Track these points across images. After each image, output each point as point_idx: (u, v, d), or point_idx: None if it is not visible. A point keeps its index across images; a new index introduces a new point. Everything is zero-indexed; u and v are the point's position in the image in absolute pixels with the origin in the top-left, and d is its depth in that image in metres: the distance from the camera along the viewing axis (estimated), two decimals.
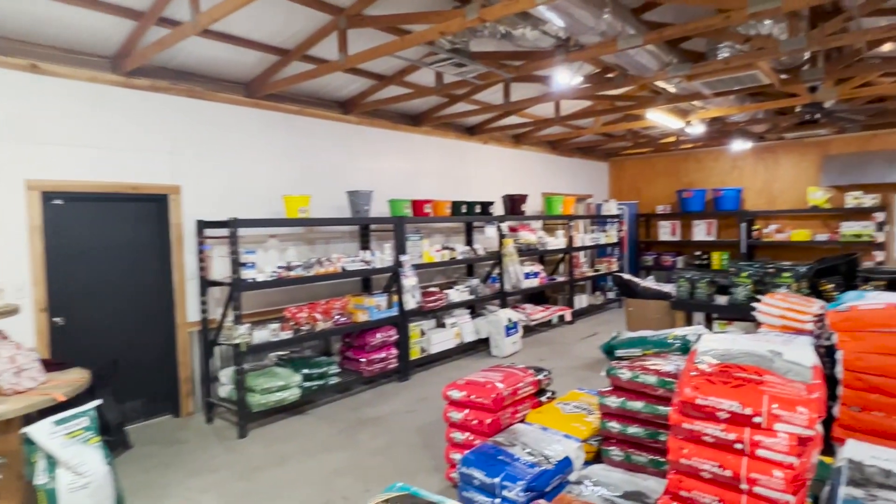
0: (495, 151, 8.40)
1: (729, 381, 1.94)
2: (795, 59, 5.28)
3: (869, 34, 4.13)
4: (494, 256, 7.10)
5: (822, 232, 8.80)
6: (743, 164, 9.76)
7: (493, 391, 3.11)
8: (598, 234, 9.52)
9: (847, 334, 3.03)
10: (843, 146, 8.81)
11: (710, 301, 5.42)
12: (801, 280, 4.96)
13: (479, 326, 6.73)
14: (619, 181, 11.30)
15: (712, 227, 9.74)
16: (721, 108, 6.72)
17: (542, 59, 4.65)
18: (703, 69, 4.83)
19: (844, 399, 3.09)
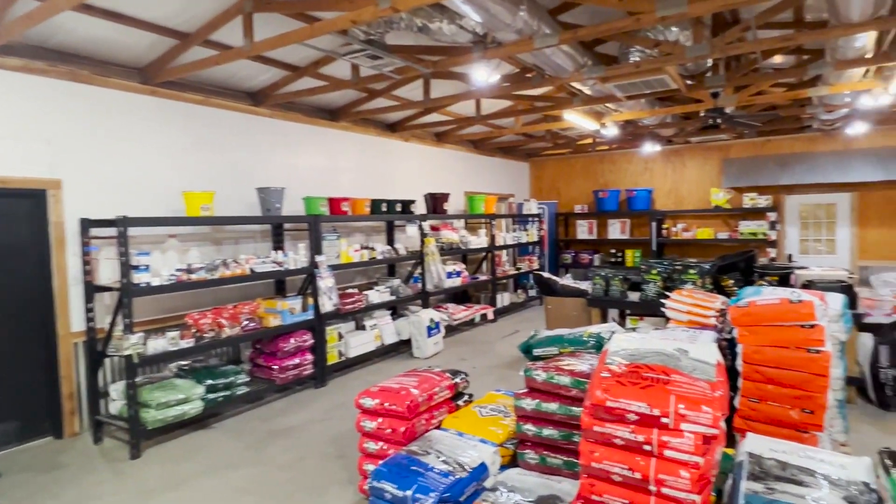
0: (417, 149, 8.27)
1: (638, 381, 1.92)
2: (700, 66, 5.54)
3: (764, 44, 4.37)
4: (416, 256, 6.98)
5: (723, 230, 9.40)
6: (653, 166, 10.25)
7: (408, 398, 2.97)
8: (519, 233, 9.65)
9: (746, 329, 3.17)
10: (741, 150, 9.46)
11: (623, 298, 5.59)
12: (705, 276, 5.20)
13: (400, 328, 6.58)
14: (539, 181, 11.54)
15: (626, 225, 10.16)
16: (633, 111, 6.97)
17: (459, 54, 4.56)
18: (615, 71, 4.94)
19: (744, 391, 3.22)
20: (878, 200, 8.39)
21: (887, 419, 4.22)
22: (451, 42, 4.30)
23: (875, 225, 8.43)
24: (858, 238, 8.55)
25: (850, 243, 8.62)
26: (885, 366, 4.39)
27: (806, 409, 2.99)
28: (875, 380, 4.46)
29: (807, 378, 2.99)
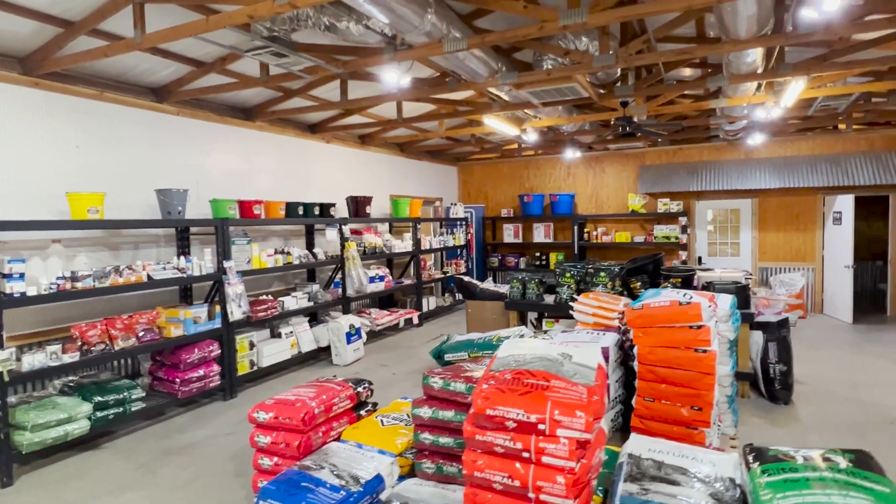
0: (340, 151, 8.10)
1: (518, 388, 1.91)
2: (610, 76, 5.73)
3: (664, 56, 4.57)
4: (336, 260, 6.81)
5: (640, 234, 9.81)
6: (576, 172, 10.56)
7: (303, 409, 2.85)
8: (446, 237, 9.66)
9: (640, 330, 3.27)
10: (655, 158, 9.92)
11: (539, 301, 5.68)
12: (615, 279, 5.37)
13: (318, 334, 6.39)
14: (467, 185, 11.62)
15: (550, 229, 10.40)
16: (551, 117, 7.14)
17: (370, 55, 4.48)
18: (528, 78, 5.02)
19: (639, 390, 3.32)
20: (775, 206, 9.03)
21: (775, 412, 4.50)
22: (360, 42, 4.22)
23: (773, 229, 9.06)
24: (759, 241, 9.17)
25: (751, 246, 9.22)
26: (774, 361, 4.69)
27: (695, 407, 3.12)
28: (765, 375, 4.75)
29: (695, 377, 3.11)
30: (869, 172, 8.15)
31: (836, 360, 5.98)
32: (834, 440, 3.92)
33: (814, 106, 6.56)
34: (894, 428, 4.10)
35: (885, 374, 5.41)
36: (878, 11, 4.03)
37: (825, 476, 1.68)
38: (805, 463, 1.78)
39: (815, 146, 8.85)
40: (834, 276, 8.33)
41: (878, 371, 5.54)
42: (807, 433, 4.05)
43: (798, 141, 8.96)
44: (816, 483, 1.65)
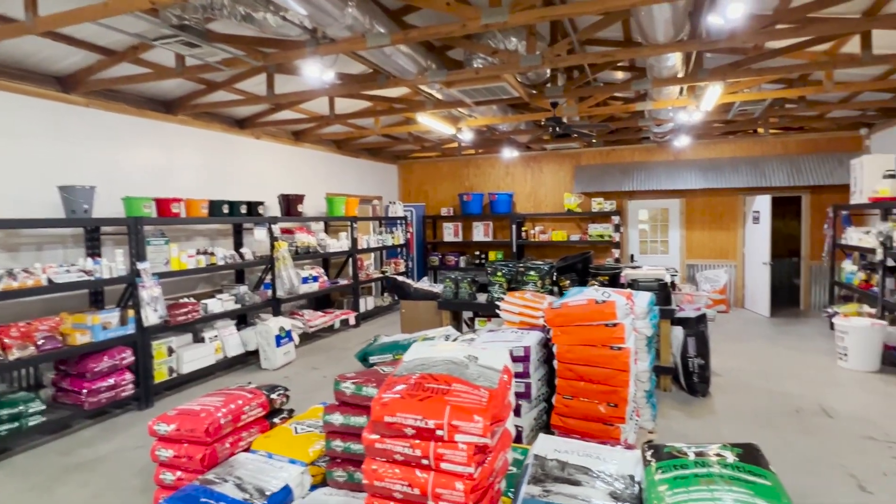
0: (272, 148, 7.83)
1: (418, 393, 1.86)
2: (540, 76, 5.80)
3: (588, 58, 4.65)
4: (266, 261, 6.57)
5: (576, 233, 10.03)
6: (514, 171, 10.68)
7: (208, 419, 2.69)
8: (385, 236, 9.54)
9: (559, 329, 3.29)
10: (590, 158, 10.16)
11: (472, 300, 5.67)
12: (545, 278, 5.43)
13: (246, 338, 6.15)
14: (407, 183, 11.53)
15: (489, 228, 10.47)
16: (486, 117, 7.16)
17: (293, 49, 4.31)
18: (457, 77, 4.99)
19: (559, 388, 3.35)
20: (700, 206, 9.44)
21: (693, 404, 4.67)
22: (279, 35, 4.04)
23: (699, 228, 9.47)
24: (686, 239, 9.56)
25: (679, 244, 9.60)
26: (693, 355, 4.87)
27: (611, 403, 3.17)
28: (685, 368, 4.92)
29: (611, 374, 3.17)
30: (784, 174, 8.64)
31: (752, 353, 6.30)
32: (744, 429, 4.10)
33: (732, 110, 6.87)
34: (799, 416, 4.34)
35: (795, 366, 5.73)
36: (783, 21, 4.24)
37: (713, 472, 1.72)
38: (696, 459, 1.81)
39: (736, 149, 9.31)
40: (753, 272, 8.79)
41: (789, 362, 5.86)
42: (720, 424, 4.22)
43: (721, 144, 9.39)
44: (703, 479, 1.68)
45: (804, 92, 6.10)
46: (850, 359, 5.51)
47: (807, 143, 8.94)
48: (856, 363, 5.47)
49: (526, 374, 3.47)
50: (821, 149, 8.83)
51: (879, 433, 3.97)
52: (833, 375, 5.37)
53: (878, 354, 5.44)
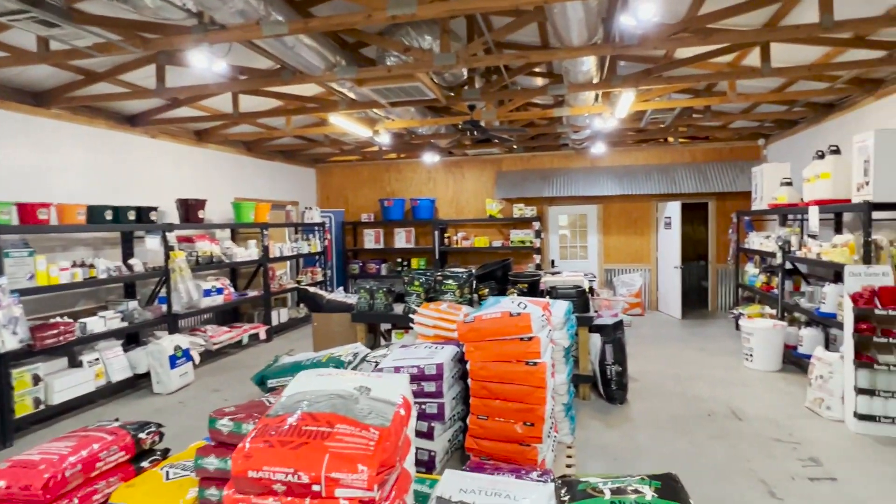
0: (170, 148, 7.14)
1: (293, 439, 1.54)
2: (458, 78, 5.61)
3: (503, 59, 4.50)
4: (160, 272, 5.93)
5: (498, 239, 9.97)
6: (436, 176, 10.49)
7: (49, 471, 2.21)
8: (301, 244, 9.03)
9: (473, 344, 3.06)
10: (511, 164, 10.16)
11: (388, 311, 5.37)
12: (464, 286, 5.22)
13: (135, 359, 5.49)
14: (326, 188, 11.04)
15: (411, 234, 10.20)
16: (404, 119, 6.89)
17: (177, 35, 3.83)
18: (367, 74, 4.69)
19: (473, 408, 3.12)
20: (617, 212, 9.67)
21: (612, 413, 4.62)
22: (160, 18, 3.57)
23: (615, 233, 9.70)
24: (604, 244, 9.76)
25: (597, 249, 9.78)
26: (611, 362, 4.83)
27: (527, 422, 2.97)
28: (603, 376, 4.87)
29: (527, 391, 2.97)
30: (692, 182, 9.01)
31: (666, 356, 6.41)
32: (660, 437, 4.06)
33: (645, 119, 7.03)
34: (711, 420, 4.37)
35: (704, 367, 5.88)
36: (690, 30, 4.28)
37: None
38: (612, 498, 1.62)
39: (649, 157, 9.63)
40: (666, 276, 9.08)
41: (700, 364, 6.01)
42: (637, 433, 4.17)
43: (635, 152, 9.68)
44: None
45: (710, 102, 6.32)
46: (755, 359, 5.72)
47: (712, 152, 9.38)
48: (760, 364, 5.68)
49: (439, 394, 3.22)
50: (724, 158, 9.30)
51: (784, 434, 4.06)
52: (741, 376, 5.54)
53: (779, 354, 5.67)
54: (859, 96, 5.97)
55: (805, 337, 5.44)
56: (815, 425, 4.22)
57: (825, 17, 3.78)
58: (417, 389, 3.23)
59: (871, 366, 3.99)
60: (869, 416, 3.99)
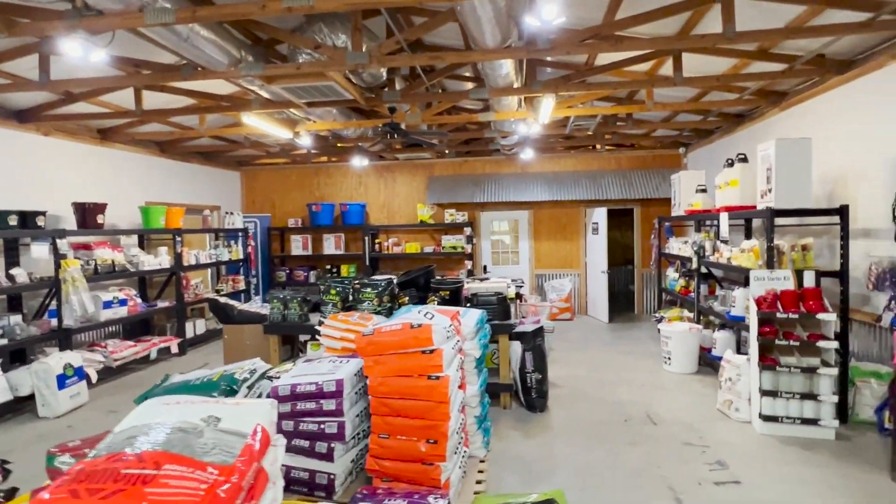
0: (68, 147, 6.55)
1: (105, 486, 1.30)
2: (377, 79, 5.43)
3: (418, 59, 4.36)
4: (49, 283, 5.39)
5: (430, 244, 9.83)
6: (367, 181, 10.24)
7: None
8: (221, 251, 8.55)
9: (372, 359, 2.88)
10: (443, 169, 10.06)
11: (303, 321, 5.09)
12: (383, 295, 5.02)
13: (17, 380, 4.94)
14: (252, 192, 10.56)
15: (341, 240, 9.90)
16: (326, 121, 6.63)
17: (47, 19, 3.44)
18: (275, 71, 4.42)
19: (374, 427, 2.93)
20: (547, 218, 9.76)
21: (531, 421, 4.54)
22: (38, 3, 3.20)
23: (546, 238, 9.78)
24: (535, 250, 9.81)
25: (529, 254, 9.83)
26: (531, 370, 4.76)
27: (431, 440, 2.81)
28: (524, 384, 4.80)
29: (430, 406, 2.81)
30: (618, 188, 9.21)
31: (591, 360, 6.45)
32: (577, 445, 4.01)
33: (569, 125, 7.10)
34: (628, 426, 4.37)
35: (626, 371, 5.94)
36: (600, 37, 4.29)
37: None
38: None
39: (577, 163, 9.78)
40: (594, 280, 9.23)
41: (622, 368, 6.07)
42: (555, 441, 4.10)
43: (564, 158, 9.81)
44: None
45: (630, 109, 6.45)
46: (673, 362, 5.83)
47: (637, 160, 9.64)
48: (678, 366, 5.80)
49: (339, 412, 3.01)
50: (648, 165, 9.58)
51: (695, 437, 4.11)
52: (659, 379, 5.63)
53: (695, 357, 5.81)
54: (766, 108, 6.25)
55: (718, 339, 5.59)
56: (724, 427, 4.30)
57: (728, 27, 3.87)
58: (316, 408, 3.01)
59: (773, 368, 4.10)
60: (773, 417, 4.10)
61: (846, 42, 4.46)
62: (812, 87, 5.29)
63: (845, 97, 4.84)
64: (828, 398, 3.98)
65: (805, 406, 4.04)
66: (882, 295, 4.21)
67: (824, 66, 4.82)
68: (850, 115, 4.76)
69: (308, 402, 3.03)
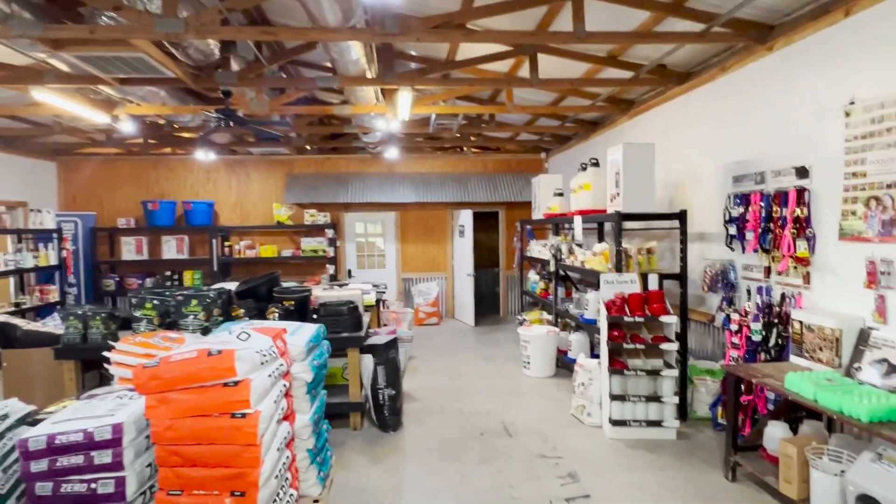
0: None
1: None
2: (208, 57, 4.69)
3: (244, 32, 3.76)
4: None
5: (289, 248, 9.07)
6: (217, 177, 9.21)
7: None
8: (24, 255, 7.09)
9: (156, 397, 2.27)
10: (303, 166, 9.35)
11: (108, 343, 4.20)
12: (212, 307, 4.33)
13: None
14: (72, 187, 8.99)
15: (184, 243, 8.76)
16: (153, 104, 5.69)
17: None
18: (60, 34, 3.56)
19: (162, 482, 2.31)
20: (414, 220, 9.47)
21: (382, 443, 4.13)
22: None
23: (412, 241, 9.49)
24: (402, 253, 9.48)
25: (396, 258, 9.47)
26: (383, 386, 4.36)
27: (237, 492, 2.27)
28: (376, 402, 4.38)
29: (235, 451, 2.27)
30: (484, 191, 9.19)
31: (452, 367, 6.23)
32: (428, 467, 3.68)
33: (431, 124, 6.84)
34: (483, 440, 4.14)
35: (486, 377, 5.79)
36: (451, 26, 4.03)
37: None
38: None
39: (444, 165, 9.62)
40: (461, 283, 9.11)
41: (482, 374, 5.91)
42: (404, 466, 3.74)
43: (431, 159, 9.60)
44: None
45: (491, 110, 6.33)
46: (532, 367, 5.78)
47: (502, 163, 9.72)
48: (536, 370, 5.76)
49: (117, 465, 2.34)
50: (513, 169, 9.69)
51: (549, 448, 3.97)
52: (518, 385, 5.53)
53: (553, 360, 5.81)
54: (617, 115, 6.48)
55: (573, 342, 5.63)
56: (577, 434, 4.23)
57: (578, 27, 3.78)
58: (85, 463, 2.32)
59: (622, 372, 4.11)
60: (621, 422, 4.10)
61: (685, 53, 4.65)
62: (656, 96, 5.51)
63: (683, 107, 5.08)
64: (670, 399, 4.06)
65: (650, 408, 4.09)
66: (715, 296, 4.42)
67: (666, 76, 5.01)
68: (688, 124, 5.00)
69: (74, 457, 2.32)
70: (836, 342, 3.13)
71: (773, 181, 3.83)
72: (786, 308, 3.65)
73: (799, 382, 2.84)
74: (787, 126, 3.73)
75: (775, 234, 3.72)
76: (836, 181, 3.29)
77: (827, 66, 3.37)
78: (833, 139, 3.32)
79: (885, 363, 2.88)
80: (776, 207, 3.71)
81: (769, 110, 3.90)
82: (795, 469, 2.86)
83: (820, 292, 3.45)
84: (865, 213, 3.10)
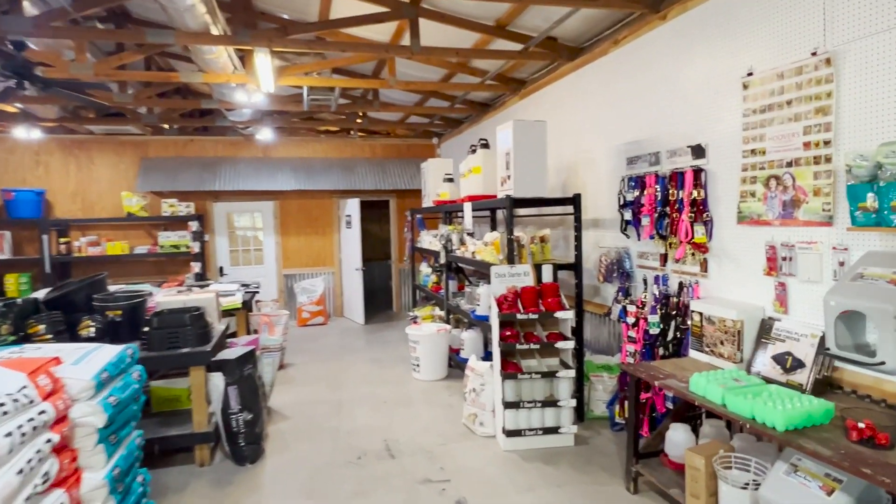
0: None
1: None
2: None
3: None
4: None
5: (144, 243, 7.80)
6: (49, 160, 7.68)
7: None
8: None
9: None
10: (161, 149, 8.08)
11: None
12: (5, 324, 3.34)
13: None
14: None
15: (4, 240, 7.20)
16: None
17: None
18: None
19: None
20: (295, 210, 8.57)
21: (236, 481, 3.36)
22: None
23: (294, 233, 8.59)
24: (282, 247, 8.55)
25: (275, 252, 8.52)
26: (236, 410, 3.58)
27: None
28: (228, 429, 3.59)
29: None
30: (373, 178, 8.49)
31: (333, 375, 5.53)
32: None
33: (305, 100, 6.03)
34: (360, 466, 3.51)
35: (371, 384, 5.17)
36: None
37: None
38: None
39: (329, 149, 8.79)
40: (349, 278, 8.38)
41: (367, 381, 5.29)
42: None
43: (313, 143, 8.72)
44: None
45: (371, 85, 5.65)
46: (421, 369, 5.24)
47: (391, 148, 9.07)
48: (426, 373, 5.23)
49: None
50: (403, 154, 9.08)
51: (436, 470, 3.44)
52: (406, 391, 4.97)
53: (444, 361, 5.32)
54: (508, 96, 6.08)
55: (466, 340, 5.17)
56: (468, 448, 3.74)
57: None
58: None
59: (516, 376, 3.67)
60: (516, 431, 3.66)
61: (576, 24, 4.28)
62: (547, 73, 5.15)
63: (575, 84, 4.74)
64: (567, 402, 3.69)
65: (546, 414, 3.69)
66: (611, 286, 4.13)
67: (556, 52, 4.64)
68: (581, 103, 4.67)
69: None
70: (737, 335, 2.86)
71: (669, 162, 3.55)
72: (684, 299, 3.39)
73: (705, 385, 2.52)
74: (682, 102, 3.45)
75: (672, 218, 3.44)
76: (735, 160, 3.03)
77: (724, 35, 3.10)
78: (730, 114, 3.06)
79: (789, 356, 2.64)
80: (672, 190, 3.43)
81: (664, 86, 3.61)
82: (703, 482, 2.54)
83: (718, 281, 3.20)
84: (765, 193, 2.84)
